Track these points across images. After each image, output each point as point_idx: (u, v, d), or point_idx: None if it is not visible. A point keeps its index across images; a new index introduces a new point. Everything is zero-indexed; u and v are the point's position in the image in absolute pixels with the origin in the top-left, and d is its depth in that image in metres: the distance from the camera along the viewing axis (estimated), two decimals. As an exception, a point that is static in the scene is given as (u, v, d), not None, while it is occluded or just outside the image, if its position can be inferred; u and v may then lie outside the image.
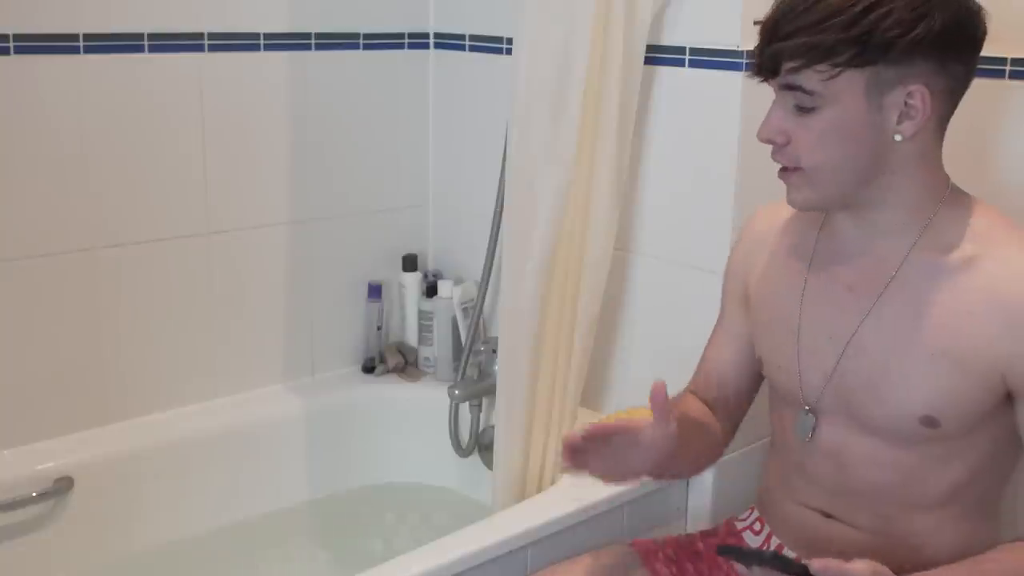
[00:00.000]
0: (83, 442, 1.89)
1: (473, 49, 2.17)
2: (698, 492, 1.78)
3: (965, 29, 1.11)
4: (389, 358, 2.27)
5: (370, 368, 2.27)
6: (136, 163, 1.89)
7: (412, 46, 2.23)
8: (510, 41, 1.73)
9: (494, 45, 2.11)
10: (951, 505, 1.23)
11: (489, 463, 2.02)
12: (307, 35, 2.06)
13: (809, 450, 1.30)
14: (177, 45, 1.89)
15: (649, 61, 1.74)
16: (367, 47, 2.15)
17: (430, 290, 2.27)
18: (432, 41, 2.25)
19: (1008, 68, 1.55)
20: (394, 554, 1.47)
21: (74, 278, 1.86)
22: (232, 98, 1.98)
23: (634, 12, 1.68)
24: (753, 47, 1.18)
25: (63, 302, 1.85)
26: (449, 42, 2.22)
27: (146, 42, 1.85)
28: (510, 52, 1.72)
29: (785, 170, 1.19)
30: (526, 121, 1.70)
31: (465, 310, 2.21)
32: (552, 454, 1.76)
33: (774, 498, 1.39)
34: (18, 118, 1.75)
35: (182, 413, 2.02)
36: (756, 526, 1.42)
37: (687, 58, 1.72)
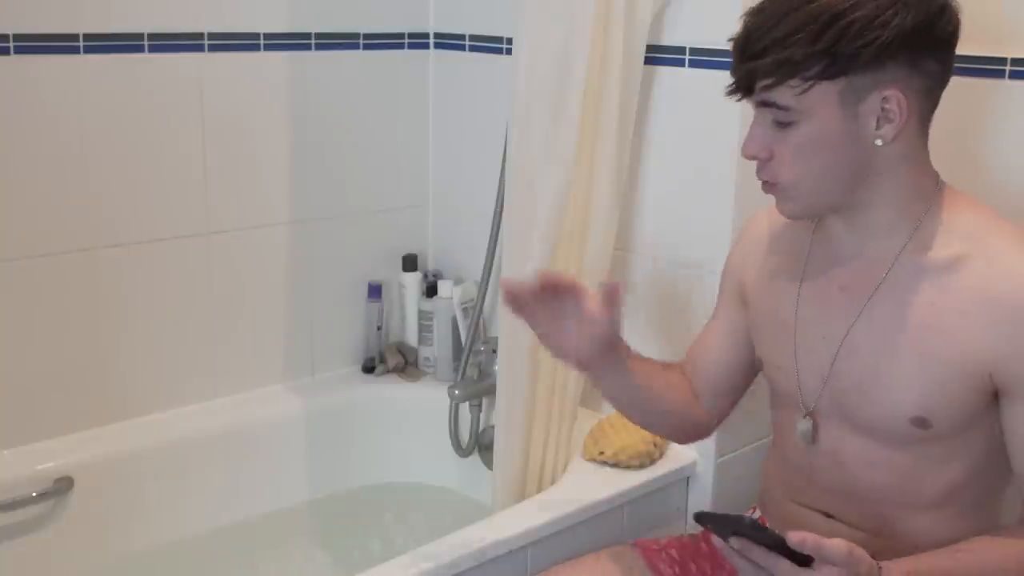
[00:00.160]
0: (83, 442, 1.89)
1: (473, 49, 2.17)
2: (698, 492, 1.78)
3: (933, 28, 1.11)
4: (389, 358, 2.27)
5: (370, 368, 2.27)
6: (136, 163, 1.89)
7: (412, 46, 2.23)
8: (510, 41, 1.73)
9: (494, 45, 2.11)
10: (949, 505, 1.23)
11: (489, 463, 2.02)
12: (307, 35, 2.06)
13: (808, 451, 1.30)
14: (177, 45, 1.89)
15: (649, 61, 1.74)
16: (367, 47, 2.15)
17: (430, 290, 2.27)
18: (432, 41, 2.25)
19: (1008, 68, 1.55)
20: (394, 554, 1.47)
21: (74, 278, 1.86)
22: (232, 98, 1.98)
23: (634, 12, 1.68)
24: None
25: (63, 302, 1.85)
26: (449, 42, 2.22)
27: (146, 42, 1.85)
28: (510, 52, 1.72)
29: (767, 184, 1.20)
30: (526, 121, 1.69)
31: (465, 310, 2.21)
32: (552, 454, 1.76)
33: (774, 498, 1.39)
34: (18, 118, 1.75)
35: (182, 413, 2.02)
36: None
37: (687, 58, 1.72)
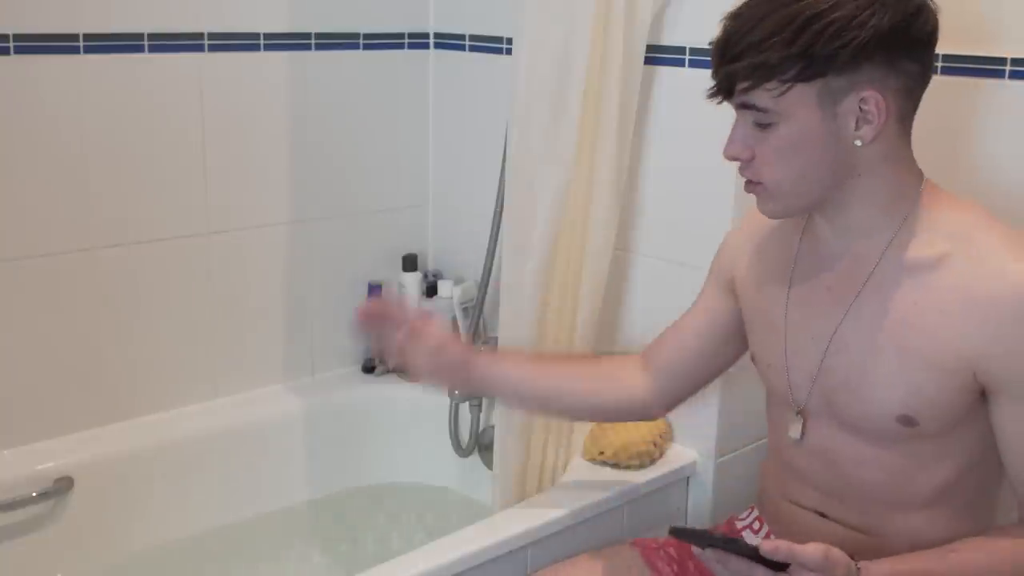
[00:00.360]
0: (83, 442, 1.89)
1: (473, 49, 2.17)
2: (698, 492, 1.78)
3: (910, 28, 1.11)
4: (389, 358, 2.26)
5: (370, 368, 2.27)
6: (136, 163, 1.89)
7: (412, 46, 2.23)
8: (510, 41, 1.73)
9: (494, 45, 2.11)
10: (943, 503, 1.23)
11: (489, 463, 2.02)
12: (307, 35, 2.06)
13: (800, 450, 1.30)
14: (177, 45, 1.89)
15: (649, 61, 1.74)
16: (367, 47, 2.15)
17: (430, 290, 2.27)
18: (432, 41, 2.25)
19: (1008, 68, 1.55)
20: (394, 554, 1.47)
21: (74, 278, 1.86)
22: (232, 98, 1.98)
23: (634, 12, 1.68)
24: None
25: (63, 302, 1.85)
26: (449, 42, 2.22)
27: (146, 42, 1.85)
28: (510, 52, 1.72)
29: (749, 183, 1.20)
30: (526, 121, 1.69)
31: (465, 310, 2.21)
32: (552, 454, 1.76)
33: (770, 497, 1.40)
34: (18, 118, 1.75)
35: (183, 413, 2.02)
36: (755, 525, 1.42)
37: (687, 58, 1.72)
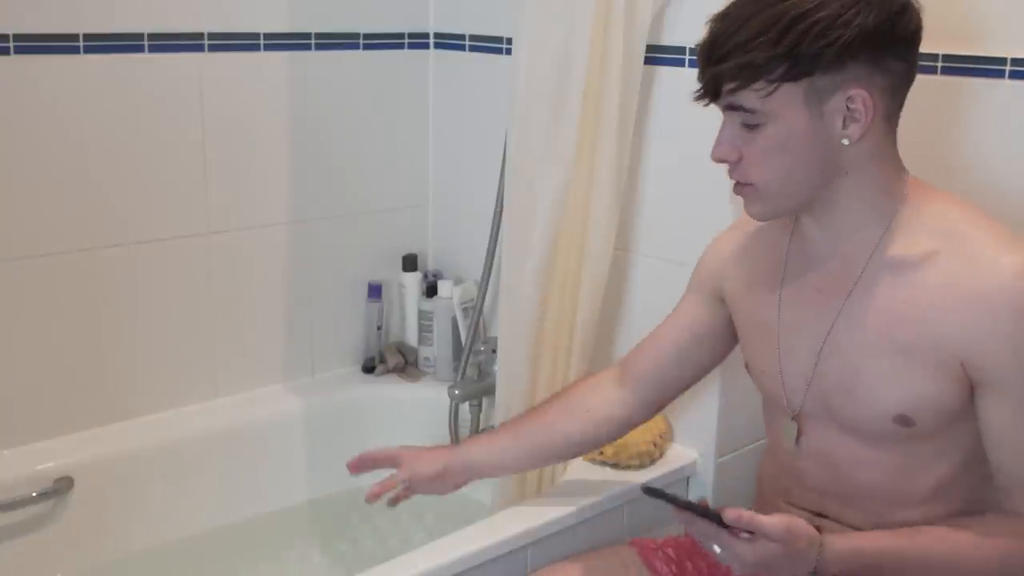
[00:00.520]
0: (83, 442, 1.89)
1: (473, 49, 2.17)
2: (698, 492, 1.78)
3: (894, 27, 1.12)
4: (389, 358, 2.27)
5: (370, 368, 2.27)
6: (136, 163, 1.89)
7: (412, 46, 2.23)
8: (510, 41, 1.73)
9: (494, 45, 2.11)
10: (941, 500, 1.23)
11: (489, 463, 2.02)
12: (307, 35, 2.06)
13: (797, 452, 1.31)
14: (177, 45, 1.89)
15: (649, 61, 1.74)
16: (367, 47, 2.15)
17: (430, 290, 2.27)
18: (432, 41, 2.25)
19: (1008, 68, 1.55)
20: (393, 554, 1.47)
21: (74, 278, 1.86)
22: (232, 98, 1.98)
23: (634, 12, 1.68)
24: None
25: (63, 302, 1.85)
26: (449, 42, 2.22)
27: (146, 42, 1.85)
28: (510, 52, 1.72)
29: (739, 184, 1.20)
30: (526, 121, 1.70)
31: (465, 310, 2.21)
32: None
33: (768, 498, 1.40)
34: (18, 118, 1.75)
35: (182, 413, 2.02)
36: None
37: (687, 58, 1.72)
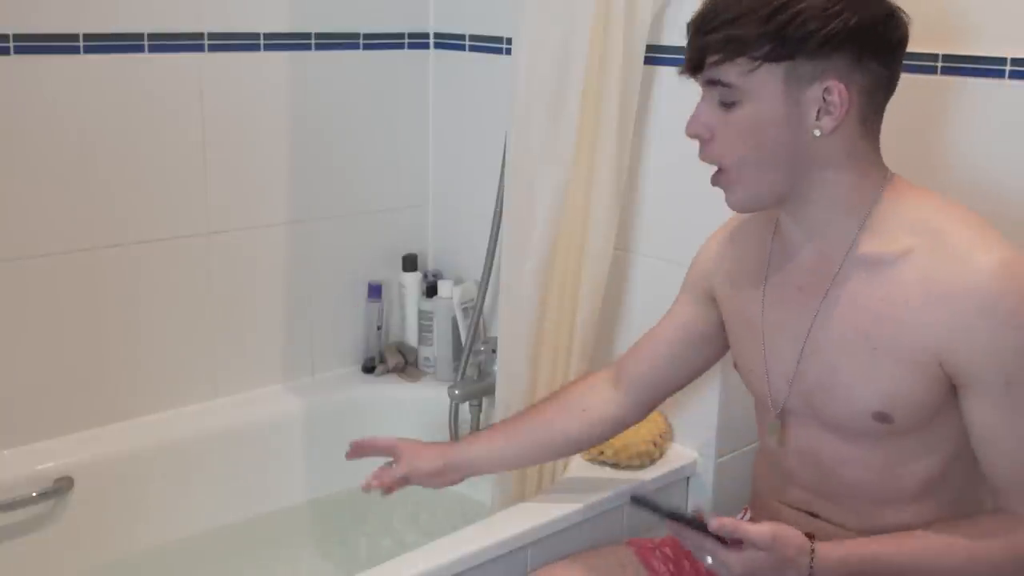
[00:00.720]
0: (83, 442, 1.89)
1: (473, 49, 2.17)
2: (698, 492, 1.78)
3: (882, 29, 1.13)
4: (389, 358, 2.27)
5: (370, 368, 2.27)
6: (136, 163, 1.89)
7: (412, 46, 2.23)
8: (510, 41, 1.73)
9: (494, 45, 2.11)
10: (930, 497, 1.23)
11: (489, 463, 2.02)
12: (307, 35, 2.06)
13: (784, 452, 1.31)
14: (177, 45, 1.89)
15: (649, 61, 1.74)
16: (367, 47, 2.16)
17: (430, 290, 2.27)
18: (432, 41, 2.25)
19: (1008, 68, 1.55)
20: (394, 554, 1.47)
21: (74, 278, 1.86)
22: (232, 98, 1.98)
23: (634, 12, 1.68)
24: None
25: (63, 302, 1.85)
26: (449, 42, 2.22)
27: (146, 42, 1.85)
28: (510, 52, 1.72)
29: (717, 174, 1.21)
30: (526, 121, 1.70)
31: (465, 310, 2.21)
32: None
33: (762, 498, 1.40)
34: (18, 118, 1.75)
35: (182, 413, 2.02)
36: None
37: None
